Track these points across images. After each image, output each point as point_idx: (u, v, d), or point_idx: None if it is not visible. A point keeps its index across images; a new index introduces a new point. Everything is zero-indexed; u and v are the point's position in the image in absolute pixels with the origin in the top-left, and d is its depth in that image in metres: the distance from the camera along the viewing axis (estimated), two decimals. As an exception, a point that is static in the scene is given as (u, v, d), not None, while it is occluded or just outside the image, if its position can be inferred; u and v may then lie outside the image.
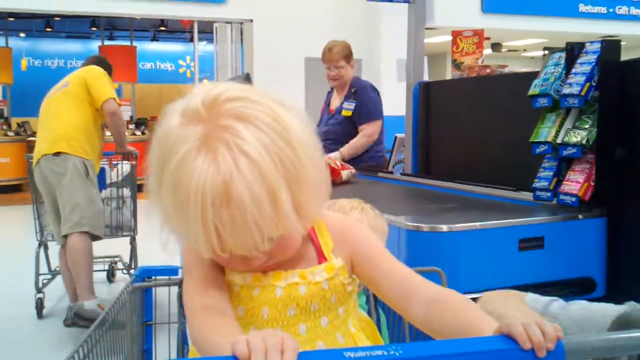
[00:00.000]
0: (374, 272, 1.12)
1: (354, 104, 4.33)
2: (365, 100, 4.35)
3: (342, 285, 1.11)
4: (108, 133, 4.58)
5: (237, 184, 0.89)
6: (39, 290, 4.48)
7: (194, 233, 0.93)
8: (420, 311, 1.05)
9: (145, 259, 3.42)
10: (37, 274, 4.48)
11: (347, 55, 4.41)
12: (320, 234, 1.14)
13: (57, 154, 4.04)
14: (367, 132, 4.29)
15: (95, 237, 4.15)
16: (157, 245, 1.03)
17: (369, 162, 4.29)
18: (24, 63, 15.95)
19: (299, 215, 0.96)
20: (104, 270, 5.28)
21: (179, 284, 1.52)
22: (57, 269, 4.93)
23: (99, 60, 4.69)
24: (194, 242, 0.95)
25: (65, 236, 4.03)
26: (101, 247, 4.95)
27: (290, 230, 0.96)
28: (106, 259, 5.30)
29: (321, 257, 1.12)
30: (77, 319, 3.92)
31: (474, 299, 1.86)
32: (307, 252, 1.12)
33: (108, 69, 4.57)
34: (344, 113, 4.34)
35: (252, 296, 1.07)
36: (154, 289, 1.70)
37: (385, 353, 0.78)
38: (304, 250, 1.11)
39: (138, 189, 4.94)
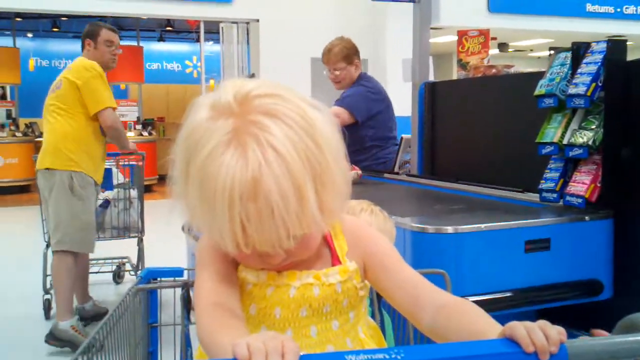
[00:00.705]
0: (385, 278, 1.12)
1: None
2: (348, 90, 4.16)
3: (355, 289, 1.11)
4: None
5: (266, 178, 0.90)
6: (46, 291, 4.49)
7: (220, 227, 0.94)
8: (428, 317, 1.05)
9: (153, 260, 3.44)
10: (45, 275, 4.48)
11: (348, 56, 4.13)
12: (336, 236, 1.14)
13: (47, 169, 3.97)
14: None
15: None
16: (163, 246, 1.03)
17: (375, 168, 4.19)
18: (31, 63, 16.00)
19: (322, 214, 0.96)
20: (111, 272, 5.29)
21: (184, 285, 1.53)
22: (64, 269, 4.95)
23: (89, 34, 4.22)
24: (218, 236, 0.96)
25: None
26: (109, 248, 4.97)
27: (313, 228, 0.97)
28: (114, 260, 5.32)
29: (335, 260, 1.12)
30: (49, 337, 3.86)
31: (480, 301, 1.85)
32: (322, 254, 1.12)
33: (94, 35, 4.16)
34: None
35: (265, 295, 1.08)
36: (159, 290, 1.70)
37: (387, 356, 0.77)
38: (320, 251, 1.11)
39: (145, 189, 4.95)
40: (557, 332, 0.84)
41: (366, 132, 4.15)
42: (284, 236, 0.94)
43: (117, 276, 5.32)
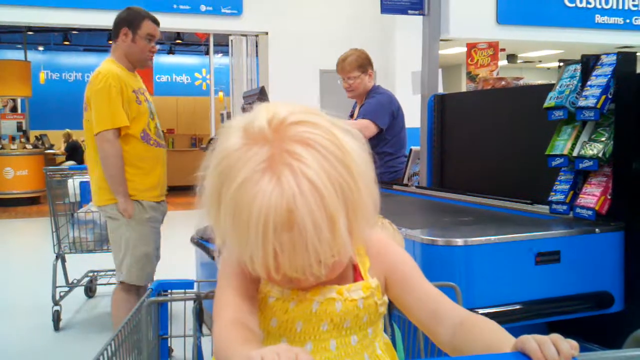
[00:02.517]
0: (406, 294, 1.13)
1: None
2: (367, 102, 4.23)
3: (375, 305, 1.11)
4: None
5: (301, 209, 0.89)
6: (56, 303, 4.51)
7: (251, 253, 0.94)
8: (447, 334, 1.06)
9: (162, 271, 3.45)
10: (54, 287, 4.50)
11: (362, 65, 4.23)
12: (359, 252, 1.14)
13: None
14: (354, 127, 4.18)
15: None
16: (173, 257, 1.03)
17: (384, 178, 4.20)
18: (42, 76, 16.15)
19: (352, 239, 0.97)
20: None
21: (195, 298, 1.53)
22: (74, 281, 4.98)
23: (128, 22, 3.53)
24: (249, 261, 0.96)
25: None
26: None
27: (342, 255, 0.97)
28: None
29: (357, 275, 1.12)
30: None
31: (490, 314, 1.84)
32: (345, 269, 1.11)
33: (134, 25, 3.51)
34: None
35: (288, 309, 1.08)
36: (169, 302, 1.71)
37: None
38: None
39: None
40: (568, 345, 0.84)
41: (381, 140, 4.20)
42: (315, 264, 0.94)
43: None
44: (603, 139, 2.52)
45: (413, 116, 4.31)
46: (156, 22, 3.61)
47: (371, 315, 1.11)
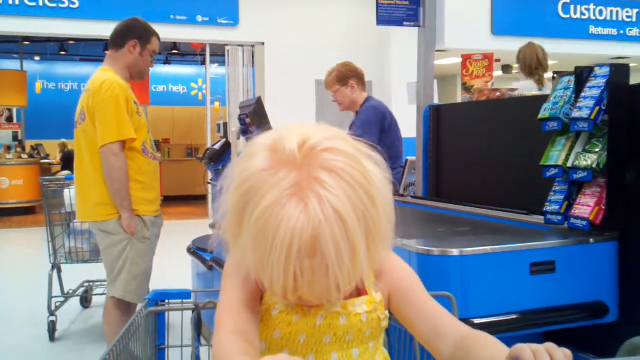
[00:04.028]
0: (409, 309, 1.14)
1: None
2: (356, 120, 4.27)
3: (378, 319, 1.12)
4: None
5: (325, 237, 0.90)
6: (51, 313, 4.50)
7: (271, 276, 0.94)
8: (448, 349, 1.07)
9: (158, 281, 3.45)
10: (50, 297, 4.49)
11: (341, 78, 4.29)
12: None
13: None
14: None
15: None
16: (168, 267, 1.04)
17: None
18: (38, 86, 16.14)
19: (369, 265, 0.98)
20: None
21: (193, 308, 1.54)
22: (70, 291, 4.97)
23: (138, 34, 3.51)
24: (268, 283, 0.96)
25: None
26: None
27: (358, 281, 0.98)
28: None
29: (361, 290, 1.13)
30: None
31: (485, 323, 1.86)
32: None
33: (145, 39, 3.51)
34: None
35: (292, 321, 1.08)
36: (167, 312, 1.71)
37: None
38: None
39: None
40: (562, 354, 0.85)
41: None
42: (333, 290, 0.95)
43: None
44: (597, 149, 2.55)
45: (408, 126, 4.33)
46: (159, 39, 3.63)
47: (373, 329, 1.12)
